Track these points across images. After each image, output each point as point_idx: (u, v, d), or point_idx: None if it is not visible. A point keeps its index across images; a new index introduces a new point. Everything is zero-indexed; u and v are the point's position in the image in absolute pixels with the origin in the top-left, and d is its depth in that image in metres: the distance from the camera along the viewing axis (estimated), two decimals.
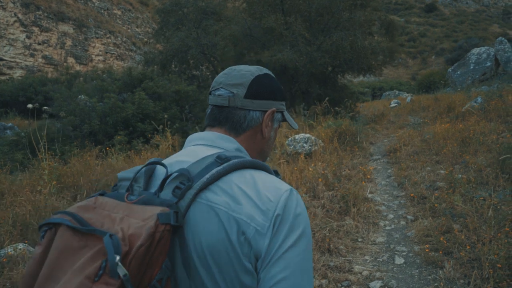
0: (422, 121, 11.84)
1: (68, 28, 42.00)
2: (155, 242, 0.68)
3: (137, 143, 9.20)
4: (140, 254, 0.66)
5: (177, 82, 12.55)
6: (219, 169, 0.81)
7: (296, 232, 0.78)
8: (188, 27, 19.33)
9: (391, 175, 6.70)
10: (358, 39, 11.54)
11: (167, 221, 0.70)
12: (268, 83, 1.00)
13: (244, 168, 0.84)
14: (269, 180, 0.84)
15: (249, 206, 0.77)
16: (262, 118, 0.98)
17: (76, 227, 0.70)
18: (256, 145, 1.00)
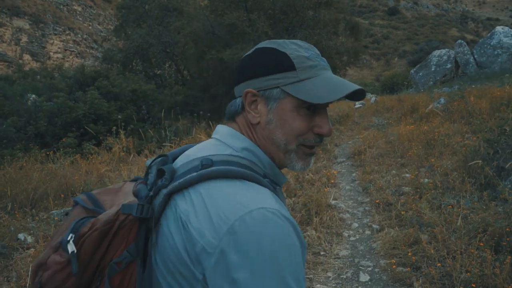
0: (387, 122, 11.74)
1: (24, 24, 39.98)
2: (113, 229, 0.75)
3: (88, 145, 8.54)
4: (93, 237, 0.74)
5: (135, 80, 11.90)
6: (193, 176, 0.77)
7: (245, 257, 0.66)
8: (149, 24, 18.62)
9: (356, 179, 6.42)
10: (322, 38, 11.29)
11: (129, 211, 0.74)
12: (248, 62, 0.87)
13: (219, 178, 0.76)
14: (239, 194, 0.73)
15: (203, 220, 0.71)
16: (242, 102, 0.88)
17: (86, 207, 0.84)
18: (261, 135, 0.86)
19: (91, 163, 7.29)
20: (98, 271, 0.77)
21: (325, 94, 0.80)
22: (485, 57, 18.75)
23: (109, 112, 9.88)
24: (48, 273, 0.76)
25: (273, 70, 0.83)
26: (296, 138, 0.83)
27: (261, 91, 0.84)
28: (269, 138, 0.85)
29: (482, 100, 8.67)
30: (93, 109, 9.63)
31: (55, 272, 0.75)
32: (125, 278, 0.76)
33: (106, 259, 0.76)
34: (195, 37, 11.82)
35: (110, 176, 6.46)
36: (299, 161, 0.86)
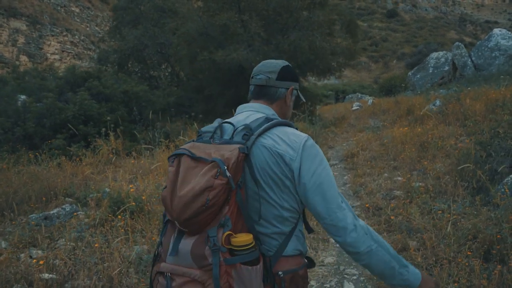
0: (382, 124, 11.60)
1: (21, 25, 39.73)
2: (238, 162, 1.23)
3: (77, 147, 8.38)
4: (234, 167, 1.21)
5: (127, 81, 11.74)
6: (268, 124, 1.35)
7: (317, 157, 1.34)
8: (144, 25, 18.45)
9: (347, 183, 6.26)
10: (316, 39, 11.14)
11: (244, 151, 1.25)
12: (289, 70, 1.54)
13: (281, 125, 1.38)
14: (294, 132, 1.38)
15: (284, 145, 1.32)
16: (286, 93, 1.52)
17: (192, 156, 1.26)
18: (282, 110, 1.53)
19: (77, 165, 7.13)
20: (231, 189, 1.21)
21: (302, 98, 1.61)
22: (482, 59, 18.61)
23: (99, 113, 9.71)
24: (214, 191, 1.16)
25: (297, 80, 1.57)
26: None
27: (294, 90, 1.55)
28: (285, 112, 1.54)
29: (477, 102, 8.53)
30: (83, 110, 9.46)
31: (220, 190, 1.17)
32: (242, 191, 1.25)
33: (234, 181, 1.20)
34: (188, 38, 11.66)
35: (95, 178, 6.31)
36: None
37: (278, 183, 1.31)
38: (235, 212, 1.23)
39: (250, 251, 1.20)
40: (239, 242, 1.19)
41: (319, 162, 1.32)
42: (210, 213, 1.18)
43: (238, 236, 1.20)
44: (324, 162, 1.33)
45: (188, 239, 1.22)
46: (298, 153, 1.30)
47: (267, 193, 1.32)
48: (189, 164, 1.24)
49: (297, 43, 10.94)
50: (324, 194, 1.29)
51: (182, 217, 1.18)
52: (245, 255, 1.19)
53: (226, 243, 1.18)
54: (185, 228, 1.22)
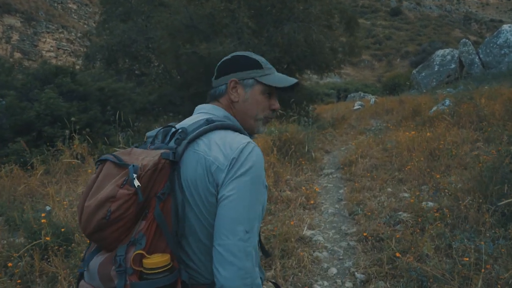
0: (385, 125, 10.53)
1: (15, 21, 38.89)
2: (158, 169, 1.06)
3: (38, 152, 7.35)
4: (148, 175, 1.04)
5: (103, 78, 10.71)
6: (205, 127, 1.16)
7: (245, 167, 1.09)
8: (134, 19, 17.41)
9: (343, 199, 5.20)
10: (313, 31, 10.06)
11: (167, 157, 1.08)
12: (228, 63, 1.32)
13: (222, 129, 1.18)
14: (236, 136, 1.16)
15: (216, 151, 1.11)
16: (226, 89, 1.29)
17: (115, 161, 1.10)
18: (237, 109, 1.29)
19: (29, 174, 6.12)
20: (146, 202, 1.06)
21: (280, 82, 1.31)
22: (491, 56, 17.63)
23: (68, 113, 8.66)
24: (117, 203, 1.01)
25: (249, 67, 1.30)
26: (262, 111, 1.31)
27: (241, 80, 1.29)
28: (245, 111, 1.30)
29: (494, 102, 7.46)
30: (50, 109, 8.42)
31: (124, 201, 1.02)
32: (165, 206, 1.07)
33: (152, 192, 1.06)
34: (172, 30, 10.61)
35: (40, 193, 5.26)
36: (263, 127, 1.33)
37: (202, 198, 1.12)
38: (154, 229, 1.05)
39: (162, 276, 1.02)
40: (150, 264, 1.01)
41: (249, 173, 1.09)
42: (118, 228, 1.04)
43: (151, 257, 1.03)
44: (255, 176, 1.10)
45: (100, 256, 1.10)
46: (229, 162, 1.10)
47: (195, 208, 1.13)
48: (110, 171, 1.11)
49: (291, 35, 9.87)
50: (230, 212, 1.06)
51: (86, 231, 1.07)
52: (156, 280, 1.01)
53: (136, 264, 1.01)
54: (95, 243, 1.12)
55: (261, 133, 1.36)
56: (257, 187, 1.10)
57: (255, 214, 1.08)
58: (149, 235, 1.03)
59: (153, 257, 1.02)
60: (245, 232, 1.04)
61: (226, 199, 1.06)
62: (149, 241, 1.03)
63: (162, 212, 1.05)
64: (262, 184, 1.12)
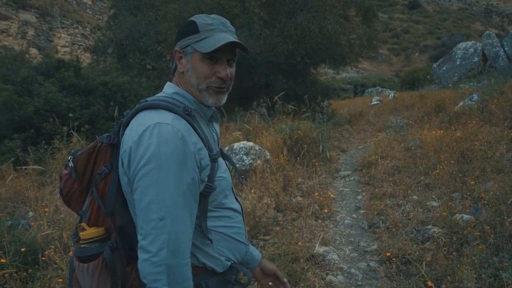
0: (406, 122, 9.84)
1: (30, 17, 39.01)
2: (95, 152, 1.16)
3: (35, 150, 6.94)
4: (83, 157, 1.16)
5: (108, 72, 10.26)
6: (129, 111, 1.14)
7: (148, 154, 1.02)
8: (144, 12, 16.96)
9: (361, 207, 4.59)
10: (328, 22, 9.40)
11: (102, 140, 1.16)
12: (177, 32, 1.22)
13: (145, 109, 1.11)
14: (149, 117, 1.07)
15: (128, 135, 1.07)
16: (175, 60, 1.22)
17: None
18: (185, 80, 1.20)
19: (20, 175, 5.70)
20: (91, 180, 1.18)
21: (210, 45, 1.12)
22: None
23: (69, 108, 8.24)
24: (62, 181, 1.20)
25: (187, 33, 1.18)
26: (204, 80, 1.17)
27: (182, 49, 1.19)
28: (189, 82, 1.19)
29: None
30: (49, 105, 8.00)
31: (66, 180, 1.19)
32: (106, 184, 1.14)
33: (94, 172, 1.16)
34: (179, 22, 10.06)
35: (26, 196, 4.79)
36: (210, 97, 1.19)
37: (123, 181, 1.11)
38: (96, 205, 1.15)
39: (88, 246, 1.11)
40: (83, 235, 1.12)
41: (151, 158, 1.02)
42: (76, 202, 1.21)
43: (87, 229, 1.13)
44: (160, 160, 1.02)
45: None
46: (132, 144, 1.05)
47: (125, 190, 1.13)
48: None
49: (305, 26, 9.22)
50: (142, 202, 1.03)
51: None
52: (83, 249, 1.11)
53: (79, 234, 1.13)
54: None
55: (212, 106, 1.20)
56: (170, 172, 1.02)
57: (174, 200, 1.02)
58: (92, 209, 1.14)
59: (88, 229, 1.12)
60: (159, 220, 1.01)
61: (137, 190, 1.03)
62: (92, 215, 1.14)
63: (99, 190, 1.14)
64: (179, 167, 1.03)
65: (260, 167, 4.96)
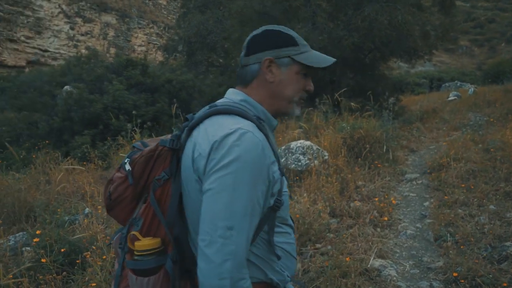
0: (486, 120, 8.92)
1: (111, 19, 41.66)
2: (155, 156, 1.08)
3: (103, 146, 7.27)
4: (141, 160, 1.07)
5: (174, 69, 10.49)
6: (201, 114, 1.09)
7: (228, 157, 0.96)
8: (212, 10, 17.23)
9: (427, 215, 4.13)
10: (399, 12, 8.75)
11: (164, 144, 1.07)
12: (260, 39, 1.15)
13: (219, 114, 1.07)
14: (228, 121, 1.03)
15: (204, 139, 1.02)
16: (260, 68, 1.14)
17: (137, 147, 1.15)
18: (267, 91, 1.15)
19: (84, 170, 5.94)
20: (146, 186, 1.10)
21: (318, 62, 1.16)
22: None
23: (135, 105, 8.52)
24: (114, 185, 1.11)
25: (285, 44, 1.14)
26: (297, 93, 1.18)
27: (276, 59, 1.14)
28: (278, 92, 1.15)
29: None
30: (117, 102, 8.33)
31: (118, 184, 1.10)
32: (164, 191, 1.07)
33: (150, 177, 1.08)
34: (242, 18, 9.99)
35: (92, 191, 4.93)
36: (297, 109, 1.20)
37: (190, 186, 1.05)
38: (151, 212, 1.07)
39: (147, 259, 1.03)
40: (138, 245, 1.03)
41: (231, 163, 0.97)
42: (123, 208, 1.13)
43: (142, 239, 1.04)
44: (239, 167, 0.97)
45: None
46: (209, 148, 1.00)
47: (188, 197, 1.07)
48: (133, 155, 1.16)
49: (372, 17, 8.67)
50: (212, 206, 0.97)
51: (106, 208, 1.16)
52: (139, 261, 1.03)
53: (130, 244, 1.05)
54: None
55: (296, 116, 1.25)
56: (246, 181, 0.97)
57: (244, 210, 0.97)
58: (146, 218, 1.07)
59: (143, 239, 1.04)
60: (227, 229, 0.95)
61: (208, 191, 0.98)
62: (146, 223, 1.07)
63: (156, 197, 1.07)
64: (255, 177, 0.98)
65: (316, 168, 4.67)
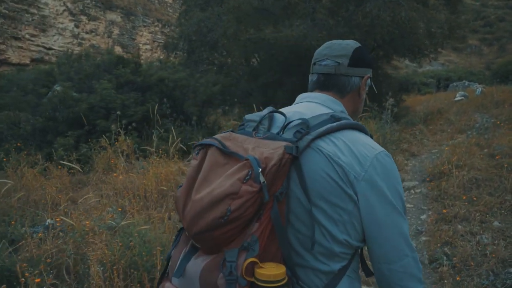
0: (493, 122, 8.44)
1: (116, 17, 41.43)
2: (281, 165, 0.90)
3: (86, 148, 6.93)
4: (273, 170, 0.88)
5: (169, 67, 10.12)
6: (333, 125, 0.99)
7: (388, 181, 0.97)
8: (213, 8, 16.85)
9: (423, 231, 3.71)
10: (402, 8, 8.29)
11: (290, 152, 0.91)
12: (364, 54, 1.17)
13: (351, 129, 1.02)
14: (367, 140, 1.02)
15: (351, 158, 0.96)
16: (360, 83, 1.16)
17: (222, 149, 0.96)
18: (354, 105, 1.17)
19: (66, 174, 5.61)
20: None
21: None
22: None
23: (124, 105, 8.16)
24: (239, 201, 0.86)
25: (371, 65, 1.19)
26: None
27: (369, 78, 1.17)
28: (356, 108, 1.19)
29: None
30: (104, 101, 7.97)
31: (247, 200, 0.86)
32: (281, 207, 0.91)
33: (271, 190, 0.89)
34: (239, 14, 9.59)
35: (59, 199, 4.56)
36: None
37: (334, 205, 0.96)
38: (267, 233, 0.90)
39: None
40: (266, 275, 0.85)
41: (395, 190, 0.98)
42: (232, 228, 0.88)
43: (265, 266, 0.87)
44: (401, 191, 1.01)
45: (200, 258, 0.93)
46: (366, 171, 0.96)
47: (315, 215, 0.97)
48: (217, 160, 0.96)
49: (375, 14, 8.22)
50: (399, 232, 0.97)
51: (193, 229, 0.91)
52: None
53: (248, 274, 0.85)
54: (197, 243, 0.94)
55: None
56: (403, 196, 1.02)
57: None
58: (263, 239, 0.89)
59: (268, 266, 0.87)
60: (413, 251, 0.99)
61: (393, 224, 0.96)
62: (262, 246, 0.89)
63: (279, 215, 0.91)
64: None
65: None
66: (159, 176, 4.79)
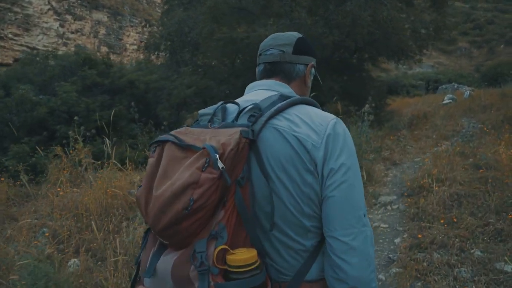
0: (480, 128, 8.04)
1: (102, 16, 40.73)
2: (239, 150, 0.89)
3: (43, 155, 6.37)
4: (231, 155, 0.87)
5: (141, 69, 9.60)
6: (283, 103, 1.02)
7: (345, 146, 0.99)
8: (195, 7, 16.36)
9: (395, 260, 3.23)
10: (384, 7, 7.85)
11: (247, 136, 0.91)
12: (307, 43, 1.21)
13: (300, 104, 1.06)
14: (319, 111, 1.05)
15: (306, 128, 0.98)
16: (305, 70, 1.20)
17: (179, 143, 0.94)
18: (301, 92, 1.20)
19: None
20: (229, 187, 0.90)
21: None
22: None
23: (88, 109, 7.61)
24: (201, 189, 0.84)
25: (315, 55, 1.23)
26: None
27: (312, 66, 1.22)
28: (304, 95, 1.21)
29: None
30: (66, 105, 7.43)
31: (208, 187, 0.85)
32: (245, 191, 0.91)
33: (232, 176, 0.88)
34: (216, 13, 9.09)
35: None
36: None
37: (295, 179, 0.97)
38: (234, 219, 0.90)
39: (252, 274, 0.86)
40: (237, 260, 0.85)
41: (349, 153, 1.00)
42: (197, 219, 0.87)
43: (236, 252, 0.86)
44: (354, 155, 1.03)
45: (169, 255, 0.90)
46: (323, 139, 0.99)
47: (280, 192, 0.97)
48: (174, 154, 0.94)
49: (355, 13, 7.78)
50: (350, 198, 0.97)
51: (159, 225, 0.88)
52: (246, 279, 0.85)
53: (219, 261, 0.84)
54: (165, 239, 0.91)
55: None
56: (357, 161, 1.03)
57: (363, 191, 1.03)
58: (230, 226, 0.89)
59: (239, 251, 0.86)
60: (364, 216, 0.97)
61: (342, 184, 0.96)
62: (230, 233, 0.88)
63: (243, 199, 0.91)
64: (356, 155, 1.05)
65: None
66: (106, 191, 4.27)
